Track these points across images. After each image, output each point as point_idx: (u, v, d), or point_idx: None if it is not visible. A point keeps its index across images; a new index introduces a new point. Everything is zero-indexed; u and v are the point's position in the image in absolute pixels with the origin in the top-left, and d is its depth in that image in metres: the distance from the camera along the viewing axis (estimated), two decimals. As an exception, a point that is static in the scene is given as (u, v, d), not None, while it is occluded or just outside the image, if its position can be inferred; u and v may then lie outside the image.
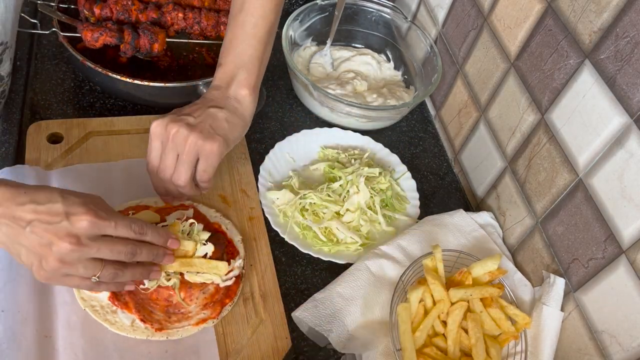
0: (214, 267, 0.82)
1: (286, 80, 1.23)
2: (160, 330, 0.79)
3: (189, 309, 0.82)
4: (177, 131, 0.81)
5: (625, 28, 0.75)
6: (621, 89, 0.76)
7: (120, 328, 0.78)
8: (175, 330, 0.80)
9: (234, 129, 0.86)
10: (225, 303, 0.83)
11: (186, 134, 0.81)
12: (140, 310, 0.80)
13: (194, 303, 0.82)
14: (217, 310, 0.82)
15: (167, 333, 0.79)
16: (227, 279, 0.84)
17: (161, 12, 1.07)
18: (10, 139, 0.98)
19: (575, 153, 0.85)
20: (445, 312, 0.82)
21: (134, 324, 0.79)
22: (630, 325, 0.76)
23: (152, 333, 0.79)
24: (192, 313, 0.82)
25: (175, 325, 0.80)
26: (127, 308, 0.79)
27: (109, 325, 0.78)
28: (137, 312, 0.79)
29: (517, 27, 0.96)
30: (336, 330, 0.84)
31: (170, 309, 0.81)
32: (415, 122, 1.23)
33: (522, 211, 0.97)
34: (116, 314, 0.79)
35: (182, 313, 0.81)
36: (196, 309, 0.82)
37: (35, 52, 1.13)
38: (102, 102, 1.08)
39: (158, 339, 0.79)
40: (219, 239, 0.86)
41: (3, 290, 0.78)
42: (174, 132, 0.81)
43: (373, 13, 1.30)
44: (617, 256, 0.77)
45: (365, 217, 0.99)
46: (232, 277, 0.84)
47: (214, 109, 0.85)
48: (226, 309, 0.83)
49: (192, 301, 0.82)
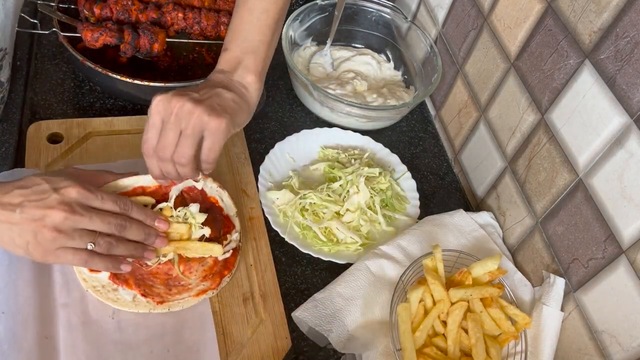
0: (208, 250, 0.84)
1: (286, 80, 1.23)
2: (162, 303, 0.81)
3: (189, 281, 0.83)
4: (182, 105, 0.75)
5: (625, 28, 0.75)
6: (621, 89, 0.76)
7: (123, 304, 0.80)
8: (177, 302, 0.82)
9: (241, 112, 0.82)
10: (224, 274, 0.85)
11: (191, 108, 0.75)
12: (140, 285, 0.82)
13: (193, 275, 0.84)
14: (216, 282, 0.84)
15: (169, 305, 0.81)
16: (225, 252, 0.86)
17: (161, 12, 1.07)
18: (10, 139, 0.98)
19: (575, 153, 0.85)
20: (445, 312, 0.82)
21: (135, 299, 0.81)
22: (630, 325, 0.76)
23: (153, 306, 0.81)
24: (192, 285, 0.83)
25: (176, 297, 0.82)
26: (127, 285, 0.81)
27: (112, 303, 0.80)
28: (137, 288, 0.81)
29: (517, 27, 0.96)
30: (336, 330, 0.84)
31: (171, 282, 0.83)
32: (415, 122, 1.23)
33: (522, 211, 0.97)
34: (117, 291, 0.81)
35: (183, 285, 0.83)
36: (196, 281, 0.84)
37: (35, 52, 1.13)
38: (102, 102, 1.08)
39: (160, 312, 0.81)
40: (216, 219, 0.87)
41: (3, 291, 0.78)
42: (179, 106, 0.75)
43: (373, 13, 1.30)
44: (617, 256, 0.77)
45: (365, 217, 0.99)
46: (230, 249, 0.86)
47: (220, 89, 0.80)
48: (225, 280, 0.85)
49: (191, 274, 0.84)
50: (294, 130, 1.10)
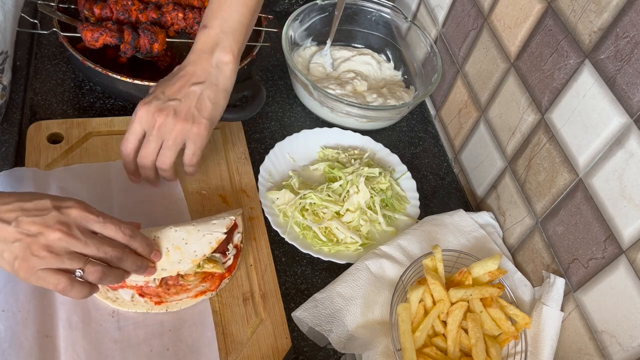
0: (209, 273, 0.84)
1: (286, 80, 1.23)
2: (160, 303, 0.81)
3: (188, 281, 0.83)
4: (163, 121, 0.83)
5: (625, 28, 0.75)
6: (621, 89, 0.76)
7: (122, 304, 0.80)
8: (174, 302, 0.82)
9: (217, 108, 0.87)
10: (224, 277, 0.85)
11: (172, 123, 0.83)
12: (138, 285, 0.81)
13: (192, 277, 0.84)
14: (215, 283, 0.84)
15: (167, 305, 0.81)
16: (227, 259, 0.85)
17: (161, 12, 1.07)
18: (10, 139, 0.98)
19: (575, 153, 0.85)
20: (445, 312, 0.82)
21: (133, 299, 0.81)
22: (630, 325, 0.76)
23: (151, 306, 0.81)
24: (190, 285, 0.83)
25: (174, 297, 0.82)
26: (125, 284, 0.81)
27: (111, 303, 0.80)
28: (134, 287, 0.81)
29: (517, 27, 0.96)
30: (336, 330, 0.84)
31: (169, 281, 0.83)
32: (415, 122, 1.23)
33: (522, 211, 0.97)
34: (116, 291, 0.81)
35: (181, 285, 0.83)
36: (195, 282, 0.84)
37: (35, 52, 1.13)
38: (102, 102, 1.08)
39: (158, 312, 0.81)
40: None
41: (3, 290, 0.78)
42: (160, 121, 0.83)
43: (373, 13, 1.30)
44: (617, 256, 0.77)
45: (365, 217, 0.99)
46: (231, 257, 0.86)
47: (196, 86, 0.85)
48: (224, 282, 0.85)
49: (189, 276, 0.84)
50: (294, 130, 1.10)
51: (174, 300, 0.82)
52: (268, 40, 1.15)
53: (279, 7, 1.38)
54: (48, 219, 0.68)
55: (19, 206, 0.68)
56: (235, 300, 0.86)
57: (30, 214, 0.68)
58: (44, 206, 0.69)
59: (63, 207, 0.69)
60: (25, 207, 0.68)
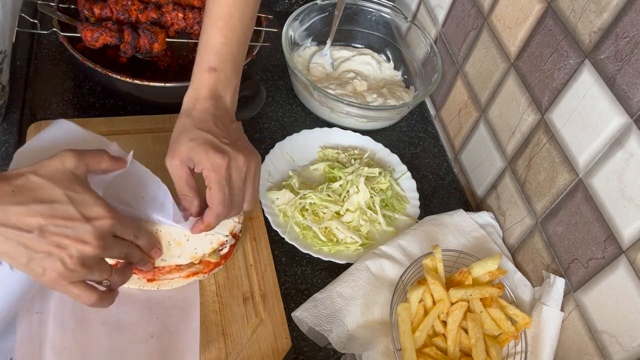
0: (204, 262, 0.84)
1: (286, 80, 1.23)
2: (152, 280, 0.82)
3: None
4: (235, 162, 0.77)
5: (625, 28, 0.75)
6: (621, 89, 0.76)
7: None
8: (166, 281, 0.82)
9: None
10: (219, 264, 0.85)
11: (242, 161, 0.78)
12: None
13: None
14: (209, 267, 0.84)
15: (158, 283, 0.82)
16: (224, 248, 0.85)
17: (161, 12, 1.07)
18: (10, 139, 0.98)
19: (575, 153, 0.85)
20: (445, 312, 0.82)
21: None
22: (630, 325, 0.76)
23: (143, 283, 0.82)
24: (183, 265, 0.83)
25: (166, 276, 0.82)
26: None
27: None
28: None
29: (517, 27, 0.96)
30: (336, 330, 0.84)
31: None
32: (415, 122, 1.23)
33: (522, 211, 0.97)
34: None
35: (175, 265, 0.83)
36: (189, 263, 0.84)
37: (35, 52, 1.13)
38: (102, 102, 1.08)
39: (149, 289, 0.82)
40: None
41: None
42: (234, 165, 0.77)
43: (373, 13, 1.30)
44: (617, 256, 0.77)
45: (365, 217, 0.99)
46: (228, 246, 0.86)
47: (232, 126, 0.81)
48: (218, 268, 0.85)
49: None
50: (294, 130, 1.11)
51: (166, 279, 0.82)
52: (268, 40, 1.15)
53: (279, 7, 1.38)
54: (83, 234, 0.64)
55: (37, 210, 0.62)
56: (235, 300, 0.86)
57: (58, 224, 0.63)
58: (69, 214, 0.63)
59: (93, 218, 0.65)
60: (46, 213, 0.62)
